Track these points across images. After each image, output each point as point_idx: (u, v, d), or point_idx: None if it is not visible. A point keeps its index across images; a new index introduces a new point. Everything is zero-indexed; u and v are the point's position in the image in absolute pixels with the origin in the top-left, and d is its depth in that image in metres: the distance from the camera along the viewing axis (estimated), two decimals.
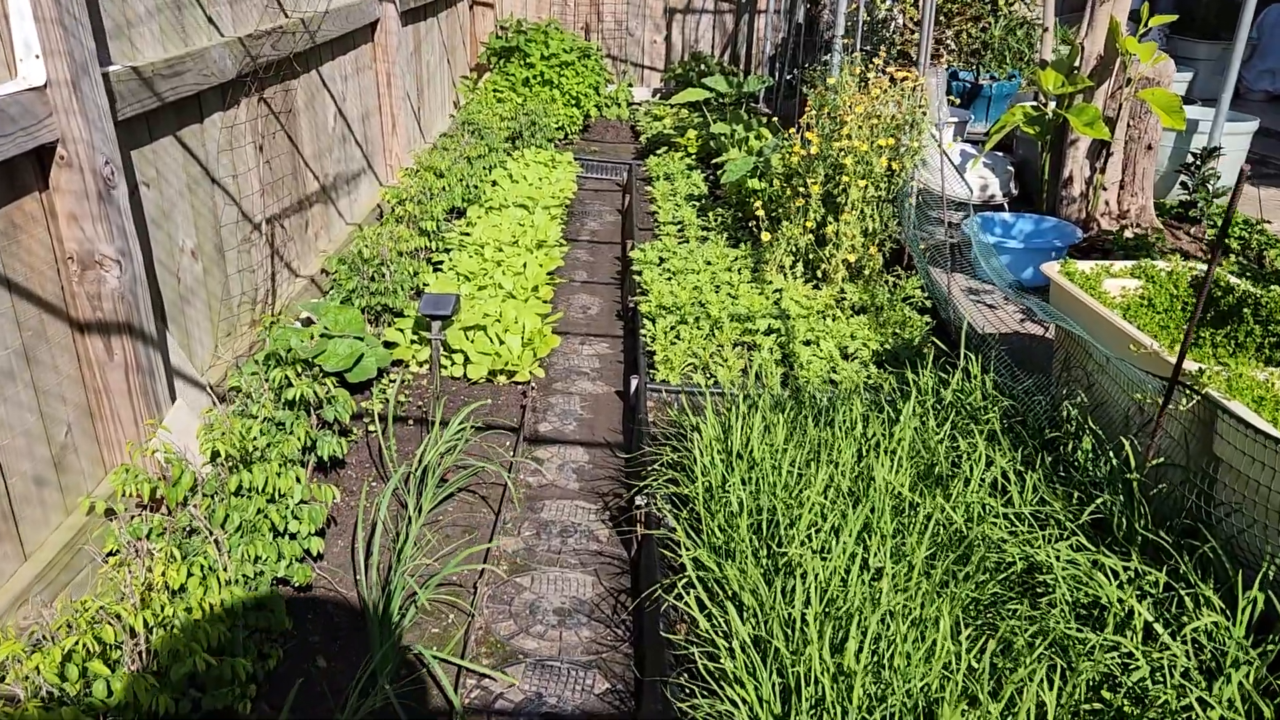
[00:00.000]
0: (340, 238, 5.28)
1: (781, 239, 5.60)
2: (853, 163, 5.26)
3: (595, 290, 5.94)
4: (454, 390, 4.39)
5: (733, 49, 10.32)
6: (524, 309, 4.71)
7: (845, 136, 5.31)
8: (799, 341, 4.72)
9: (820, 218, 5.53)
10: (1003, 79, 7.00)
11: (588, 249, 6.66)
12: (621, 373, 4.84)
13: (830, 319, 5.07)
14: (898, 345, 4.69)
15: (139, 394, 2.98)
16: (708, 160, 8.31)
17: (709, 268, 5.64)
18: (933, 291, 5.10)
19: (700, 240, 6.29)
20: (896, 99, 5.29)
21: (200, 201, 3.70)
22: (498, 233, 5.94)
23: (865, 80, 5.64)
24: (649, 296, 5.15)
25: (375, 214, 5.83)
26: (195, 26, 3.65)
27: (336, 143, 5.30)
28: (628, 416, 4.39)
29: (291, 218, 4.63)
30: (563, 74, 9.10)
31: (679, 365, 4.46)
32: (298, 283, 4.64)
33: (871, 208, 5.42)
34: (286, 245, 4.56)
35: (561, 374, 4.74)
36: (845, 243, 5.38)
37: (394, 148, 6.32)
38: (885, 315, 5.01)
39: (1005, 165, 5.81)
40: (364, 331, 3.96)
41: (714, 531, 2.85)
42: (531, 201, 6.63)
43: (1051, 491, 2.91)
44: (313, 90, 4.93)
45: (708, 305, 5.04)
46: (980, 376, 3.62)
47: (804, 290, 5.37)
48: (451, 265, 5.37)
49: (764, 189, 6.46)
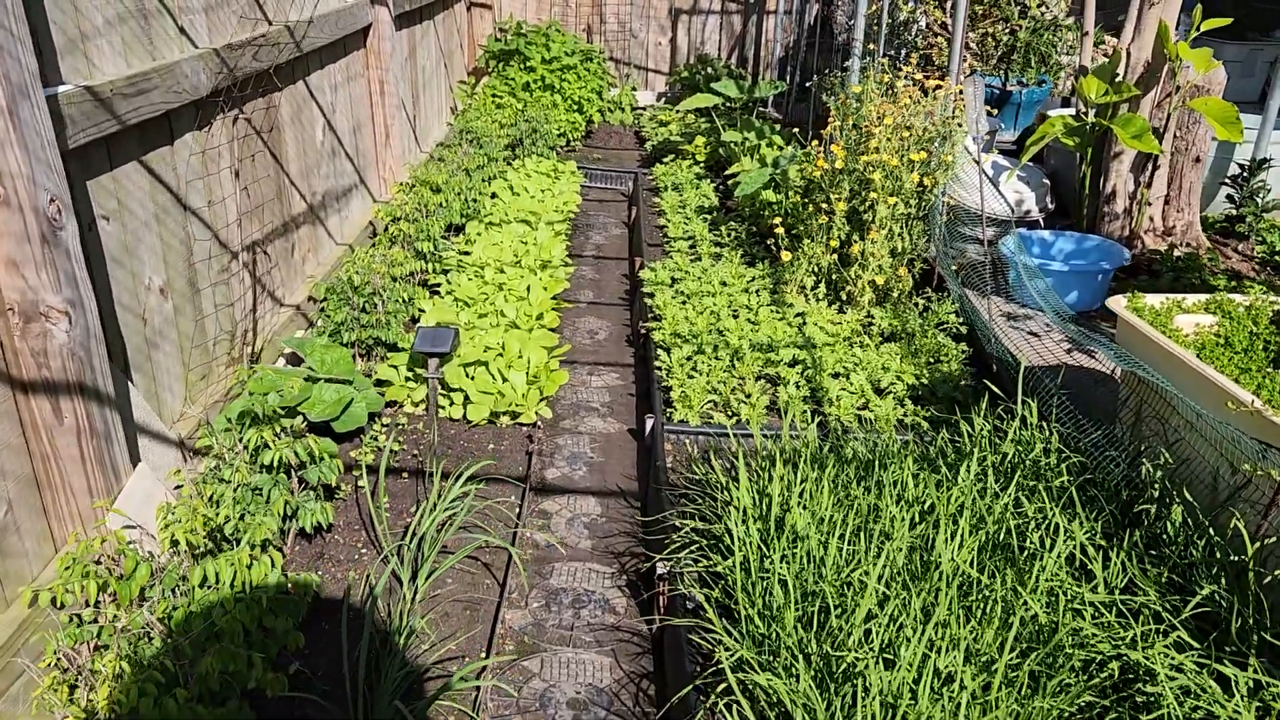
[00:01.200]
0: (330, 260, 4.91)
1: (802, 258, 5.23)
2: (881, 178, 4.89)
3: (603, 313, 5.56)
4: (453, 434, 4.01)
5: (740, 51, 9.94)
6: (528, 341, 4.33)
7: (873, 150, 4.94)
8: (827, 374, 4.35)
9: (844, 236, 5.16)
10: (1032, 85, 6.64)
11: (594, 266, 6.28)
12: (634, 406, 4.46)
13: (859, 347, 4.70)
14: (934, 378, 4.32)
15: (94, 461, 2.61)
16: (717, 168, 7.93)
17: (725, 289, 5.27)
18: (968, 317, 4.73)
19: (714, 257, 5.92)
20: (929, 109, 4.92)
21: (170, 233, 3.32)
22: (498, 252, 5.56)
23: (892, 89, 5.27)
24: (662, 323, 4.78)
25: (368, 232, 5.46)
26: (164, 38, 3.27)
27: (325, 158, 4.93)
28: (643, 458, 4.01)
29: (276, 242, 4.25)
30: (564, 78, 8.73)
31: (698, 403, 4.08)
32: (283, 313, 4.26)
33: (900, 226, 5.05)
34: (270, 273, 4.18)
35: (569, 409, 4.36)
36: (872, 263, 5.01)
37: (388, 160, 5.95)
38: (918, 343, 4.64)
39: (1040, 178, 5.45)
40: (353, 372, 3.59)
41: (753, 620, 2.48)
42: (534, 217, 6.25)
43: (1142, 573, 2.54)
44: (299, 103, 4.55)
45: (726, 333, 4.67)
46: (1041, 424, 3.25)
47: (828, 314, 5.00)
48: (449, 289, 5.00)
49: (780, 202, 6.09)
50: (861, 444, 3.56)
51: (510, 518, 3.52)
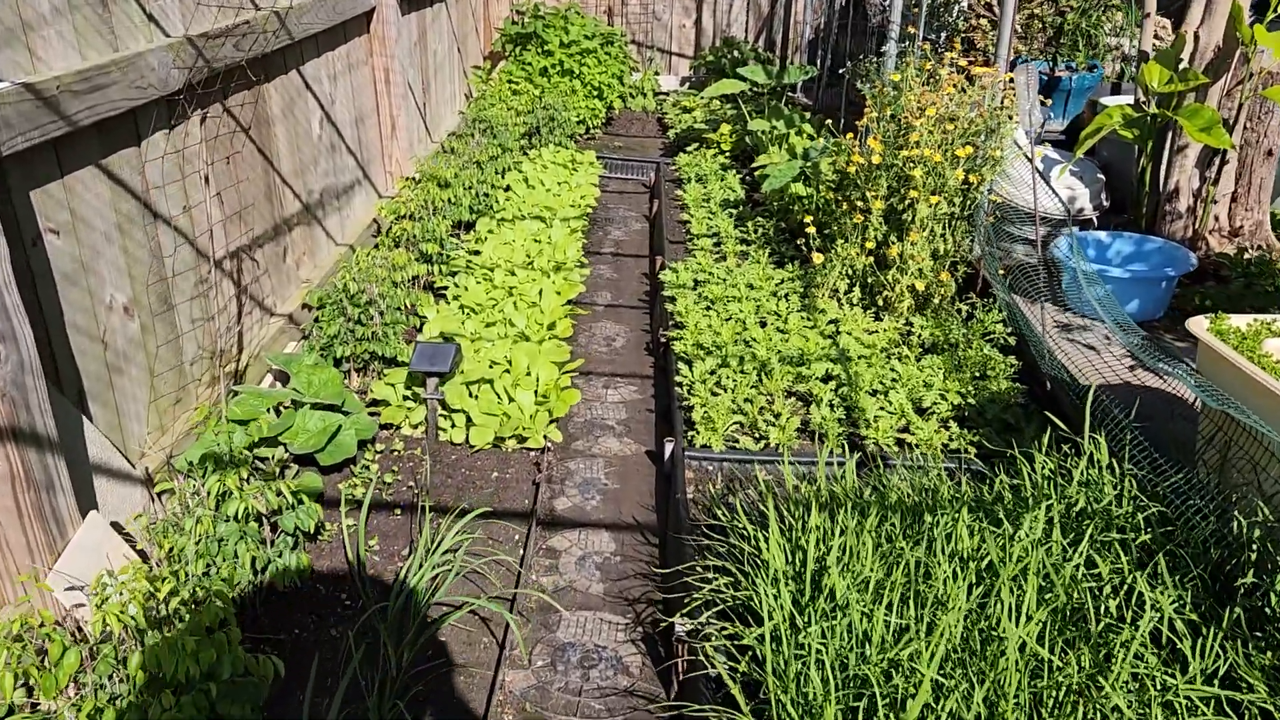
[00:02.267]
0: (328, 263, 4.58)
1: (835, 260, 4.85)
2: (922, 174, 4.49)
3: (621, 316, 5.21)
4: (453, 460, 3.67)
5: (768, 33, 9.50)
6: (538, 356, 3.98)
7: (913, 144, 4.54)
8: (863, 391, 3.97)
9: (881, 236, 4.77)
10: (1082, 70, 6.19)
11: (612, 265, 5.92)
12: (653, 424, 4.11)
13: (896, 359, 4.33)
14: (982, 398, 3.94)
15: (32, 514, 2.29)
16: (743, 158, 7.54)
17: (752, 293, 4.90)
18: (1017, 326, 4.33)
19: (740, 256, 5.54)
20: (975, 100, 4.51)
21: (137, 245, 3.00)
22: (510, 251, 5.21)
23: (933, 76, 4.86)
24: (684, 331, 4.42)
25: (371, 231, 5.13)
26: (128, 26, 2.93)
27: (323, 153, 4.59)
28: (661, 485, 3.67)
29: (265, 247, 3.92)
30: (584, 62, 8.34)
31: (722, 425, 3.72)
32: (272, 324, 3.94)
33: (942, 226, 4.65)
34: (258, 281, 3.86)
35: (583, 428, 4.02)
36: (912, 267, 4.62)
37: (394, 153, 5.61)
38: (961, 355, 4.25)
39: (1094, 173, 5.03)
40: (342, 394, 3.26)
41: (786, 710, 2.13)
42: (549, 212, 5.89)
43: (1245, 659, 2.17)
44: (292, 94, 4.21)
45: (754, 344, 4.31)
46: (1110, 462, 2.87)
47: (863, 322, 4.62)
48: (456, 294, 4.65)
49: (811, 196, 5.70)
50: (905, 479, 3.19)
51: (512, 563, 3.18)
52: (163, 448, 3.07)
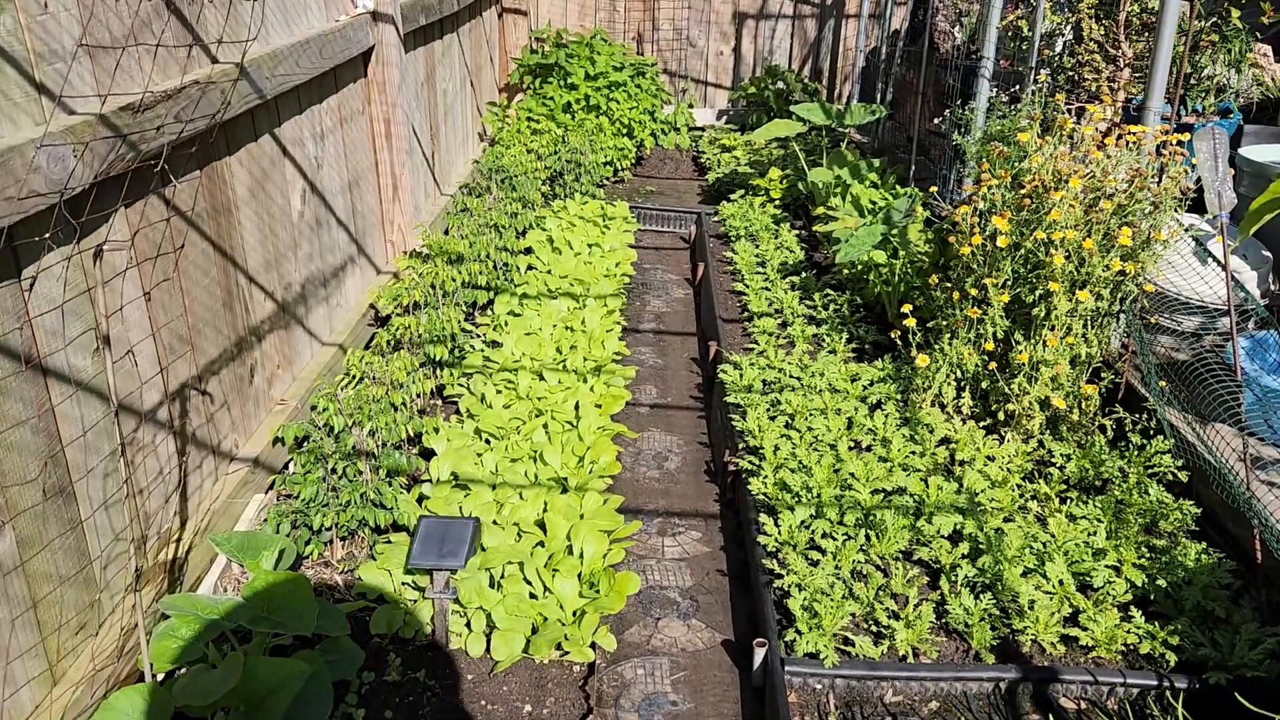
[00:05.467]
0: (312, 372, 3.64)
1: (941, 359, 3.90)
2: (1063, 262, 3.55)
3: (671, 422, 4.26)
4: (470, 683, 2.67)
5: (814, 61, 8.57)
6: (581, 523, 3.03)
7: (1049, 223, 3.59)
8: (1009, 562, 3.01)
9: (1003, 333, 3.82)
10: (1211, 115, 5.26)
11: (654, 347, 4.98)
12: (728, 595, 3.17)
13: (1034, 500, 3.38)
14: (1169, 572, 2.98)
15: None
16: (796, 208, 6.60)
17: (836, 399, 3.95)
18: (1187, 456, 3.38)
19: (811, 342, 4.60)
20: (1135, 167, 3.56)
21: (12, 411, 2.07)
22: (536, 344, 4.27)
23: (1062, 131, 3.91)
24: (760, 462, 3.47)
25: (367, 320, 4.19)
26: (6, 105, 2.01)
27: (307, 233, 3.67)
28: (750, 702, 2.72)
29: (223, 373, 2.99)
30: (612, 97, 7.42)
31: (831, 621, 2.77)
32: (231, 475, 3.00)
33: (1084, 324, 3.70)
34: (212, 421, 2.92)
35: (636, 605, 3.06)
36: (1045, 374, 3.66)
37: (396, 219, 4.68)
38: (1123, 497, 3.30)
39: (1260, 249, 4.08)
40: (315, 610, 2.31)
41: None
42: (580, 286, 4.96)
43: None
44: (265, 166, 3.29)
45: (853, 484, 3.35)
46: None
47: (983, 444, 3.67)
48: (472, 410, 3.71)
49: (892, 266, 4.75)
50: None
51: None
52: (58, 703, 2.13)
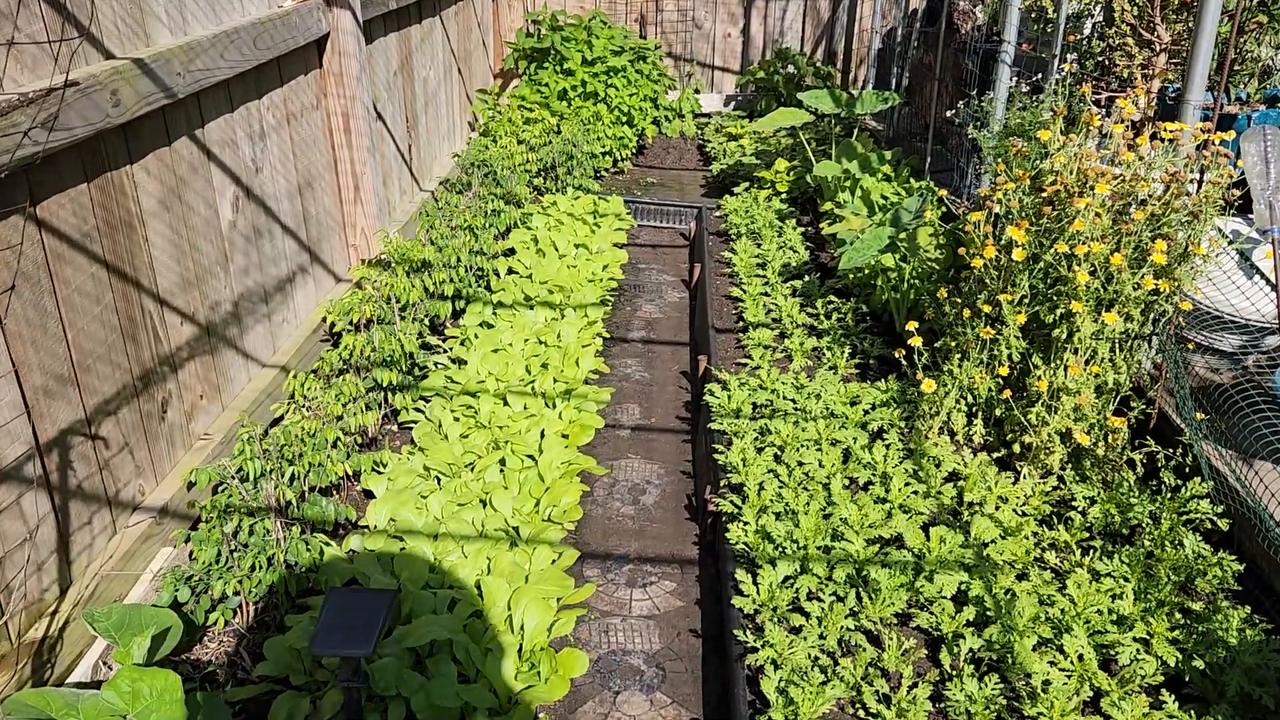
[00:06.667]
0: (247, 399, 3.29)
1: (950, 382, 3.49)
2: (1088, 279, 3.12)
3: (653, 448, 3.88)
4: None
5: (828, 44, 8.10)
6: (526, 586, 2.65)
7: (1071, 234, 3.16)
8: (1019, 633, 2.61)
9: (1019, 355, 3.40)
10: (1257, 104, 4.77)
11: (642, 358, 4.59)
12: (699, 661, 2.79)
13: (1060, 553, 2.97)
14: (1206, 650, 2.56)
15: None
16: (803, 202, 6.17)
17: (833, 425, 3.55)
18: (1226, 499, 2.95)
19: (810, 356, 4.19)
20: (1171, 170, 3.12)
21: None
22: (504, 362, 3.90)
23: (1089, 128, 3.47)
24: (742, 504, 3.09)
25: (320, 336, 3.83)
26: None
27: (240, 245, 3.30)
28: None
29: (122, 411, 2.64)
30: (610, 83, 7.00)
31: (810, 709, 2.38)
32: (133, 528, 2.65)
33: (1112, 347, 3.27)
34: (107, 467, 2.57)
35: (594, 675, 2.70)
36: (1066, 404, 3.24)
37: (358, 221, 4.31)
38: (1153, 549, 2.88)
39: None
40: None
41: None
42: (561, 294, 4.57)
43: None
44: (181, 173, 2.92)
45: (844, 533, 2.96)
46: None
47: (995, 482, 3.26)
48: (425, 439, 3.35)
49: (900, 270, 4.34)
50: None
51: None
52: None
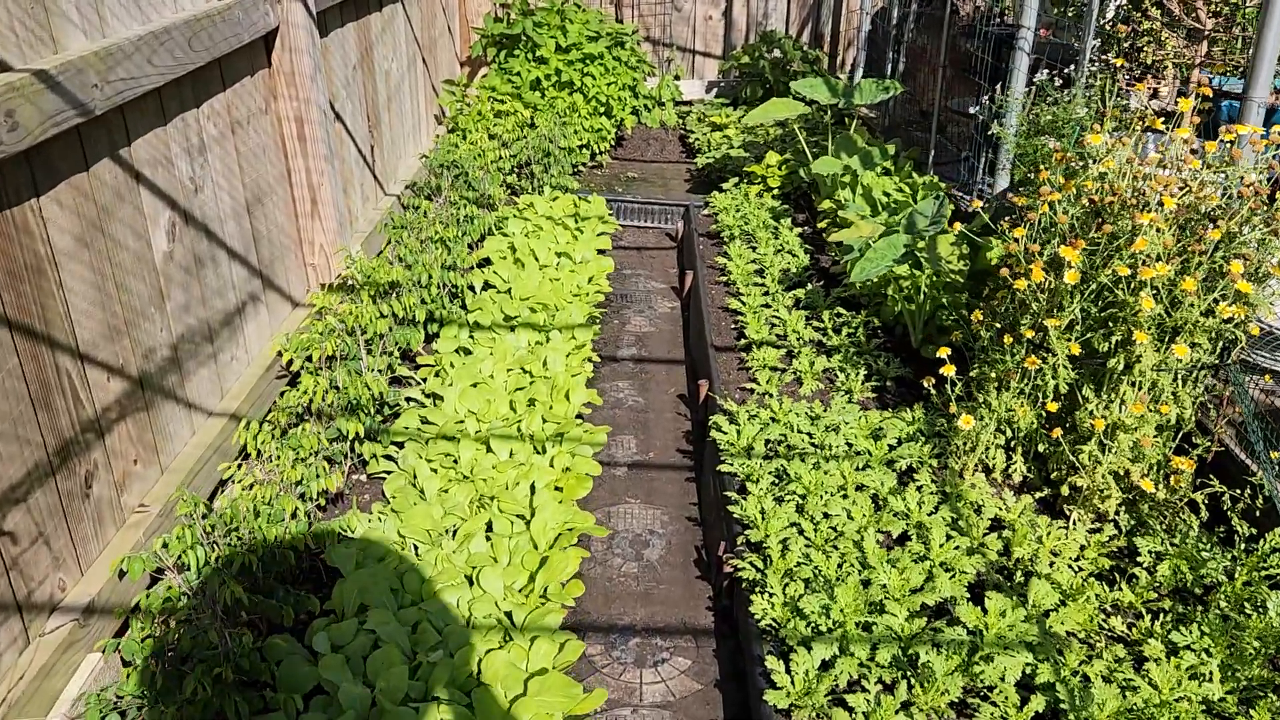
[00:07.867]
0: (191, 456, 2.84)
1: (988, 415, 3.12)
2: (1151, 305, 2.74)
3: (653, 490, 3.48)
4: None
5: (814, 26, 7.68)
6: (525, 699, 2.25)
7: (1130, 254, 2.78)
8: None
9: (1067, 386, 3.03)
10: None
11: (634, 379, 4.18)
12: None
13: (1125, 617, 2.61)
14: None
15: None
16: (798, 198, 5.77)
17: (856, 464, 3.17)
18: None
19: (822, 379, 3.81)
20: (1250, 184, 2.75)
21: None
22: (485, 397, 3.47)
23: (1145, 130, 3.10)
24: (765, 567, 2.70)
25: (275, 373, 3.38)
26: None
27: (178, 279, 2.85)
28: None
29: (33, 496, 2.19)
30: (586, 71, 6.55)
31: None
32: (47, 640, 2.21)
33: (1175, 380, 2.91)
34: (16, 566, 2.13)
35: None
36: (1124, 441, 2.88)
37: (316, 238, 3.85)
38: (1228, 612, 2.53)
39: None
40: None
41: None
42: (545, 313, 4.15)
43: None
44: (104, 201, 2.46)
45: (886, 602, 2.58)
46: None
47: (1047, 531, 2.89)
48: (395, 506, 2.92)
49: (914, 279, 3.96)
50: None
51: None
52: None
